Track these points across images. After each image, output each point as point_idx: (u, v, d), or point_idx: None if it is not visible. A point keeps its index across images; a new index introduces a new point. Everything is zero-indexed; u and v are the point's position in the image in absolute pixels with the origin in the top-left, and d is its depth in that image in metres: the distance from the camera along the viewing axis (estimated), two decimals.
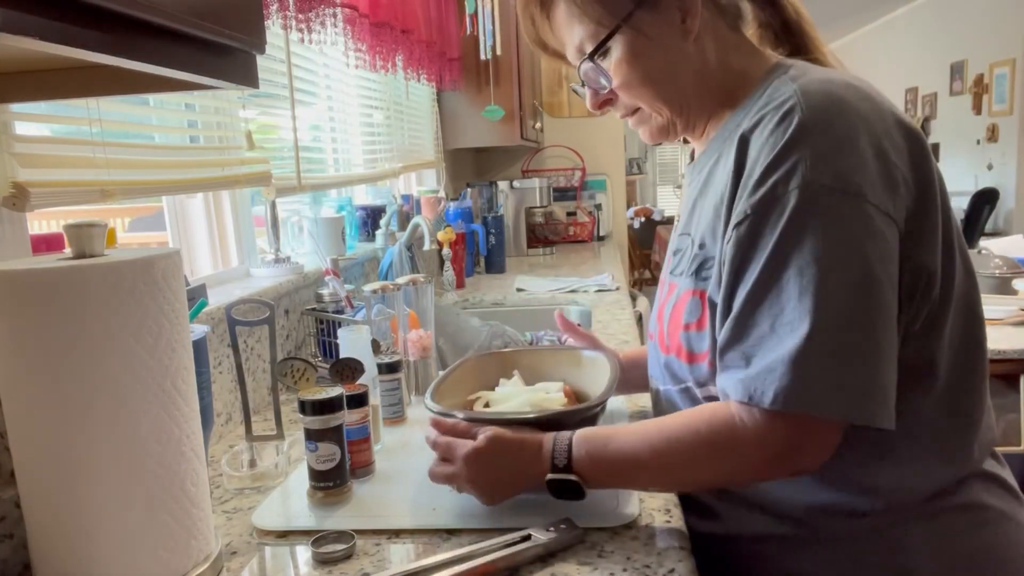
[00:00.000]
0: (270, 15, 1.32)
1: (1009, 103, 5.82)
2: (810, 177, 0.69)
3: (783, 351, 0.67)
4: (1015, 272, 2.33)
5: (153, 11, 0.55)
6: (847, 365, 0.67)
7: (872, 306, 0.68)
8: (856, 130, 0.70)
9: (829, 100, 0.72)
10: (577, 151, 3.94)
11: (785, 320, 0.68)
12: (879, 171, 0.70)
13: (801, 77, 0.76)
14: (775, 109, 0.73)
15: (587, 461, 0.79)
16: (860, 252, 0.68)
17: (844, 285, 0.68)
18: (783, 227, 0.69)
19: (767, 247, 0.70)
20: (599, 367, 1.10)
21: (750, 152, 0.74)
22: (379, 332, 1.27)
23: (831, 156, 0.69)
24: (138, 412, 0.67)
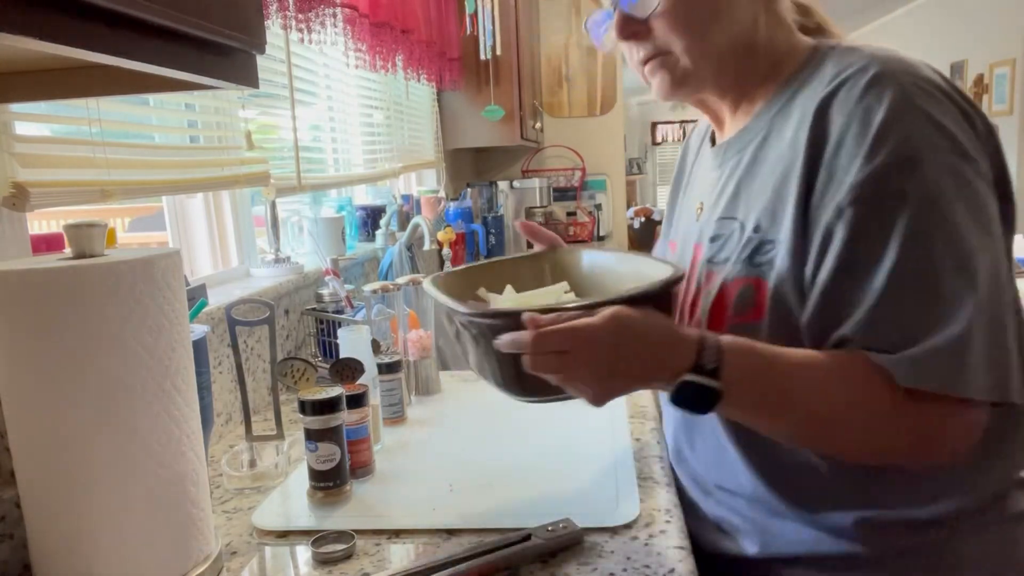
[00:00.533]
0: (270, 15, 1.32)
1: (1009, 103, 5.82)
2: (932, 139, 0.64)
3: (950, 332, 0.63)
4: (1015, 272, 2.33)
5: (153, 11, 0.55)
6: (999, 346, 0.64)
7: (1004, 276, 0.67)
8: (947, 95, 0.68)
9: (908, 66, 0.69)
10: (577, 151, 3.94)
11: (946, 298, 0.63)
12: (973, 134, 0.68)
13: (859, 50, 0.72)
14: (856, 75, 0.68)
15: (740, 374, 0.67)
16: (993, 220, 0.67)
17: (986, 257, 0.65)
18: (921, 195, 0.64)
19: (903, 221, 0.64)
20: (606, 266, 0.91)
21: (833, 121, 0.68)
22: (379, 332, 1.27)
23: (946, 122, 0.66)
24: (138, 412, 0.67)
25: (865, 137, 0.66)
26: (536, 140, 3.55)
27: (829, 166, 0.68)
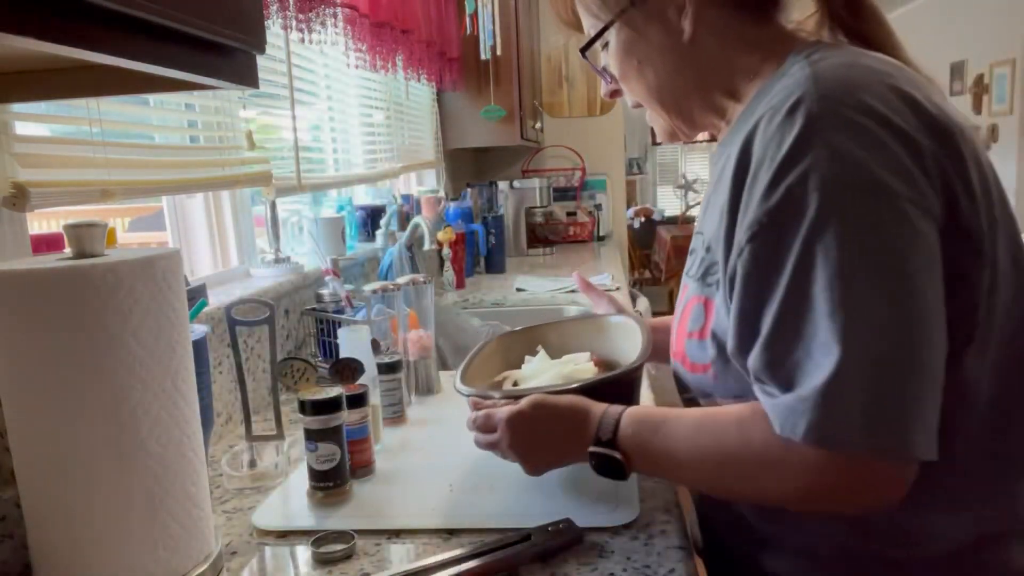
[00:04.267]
0: (270, 15, 1.32)
1: (1009, 103, 5.82)
2: (829, 175, 0.60)
3: (818, 379, 0.59)
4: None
5: (153, 11, 0.55)
6: (884, 395, 0.59)
7: (914, 319, 0.60)
8: (878, 119, 0.62)
9: (843, 86, 0.64)
10: (577, 151, 3.94)
11: (819, 343, 0.60)
12: (912, 163, 0.61)
13: (820, 61, 0.67)
14: (782, 100, 0.65)
15: (632, 443, 0.73)
16: (897, 258, 0.60)
17: (880, 301, 0.59)
18: (804, 236, 0.60)
19: (789, 260, 0.61)
20: (627, 333, 1.02)
21: (754, 151, 0.66)
22: (379, 332, 1.27)
23: (851, 151, 0.60)
24: (138, 412, 0.67)
25: (769, 173, 0.63)
26: (536, 140, 3.55)
27: (749, 198, 0.66)
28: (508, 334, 1.13)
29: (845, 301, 0.59)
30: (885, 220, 0.60)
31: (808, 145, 0.61)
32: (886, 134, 0.61)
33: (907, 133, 0.62)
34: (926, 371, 0.60)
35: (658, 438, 0.73)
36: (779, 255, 0.62)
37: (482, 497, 0.90)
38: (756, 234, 0.64)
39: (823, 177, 0.60)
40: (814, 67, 0.67)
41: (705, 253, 0.76)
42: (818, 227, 0.60)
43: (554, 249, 3.37)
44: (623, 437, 0.74)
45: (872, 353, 0.59)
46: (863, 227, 0.60)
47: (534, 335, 1.11)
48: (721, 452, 0.69)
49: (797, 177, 0.61)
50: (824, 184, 0.60)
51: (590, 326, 1.11)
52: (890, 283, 0.60)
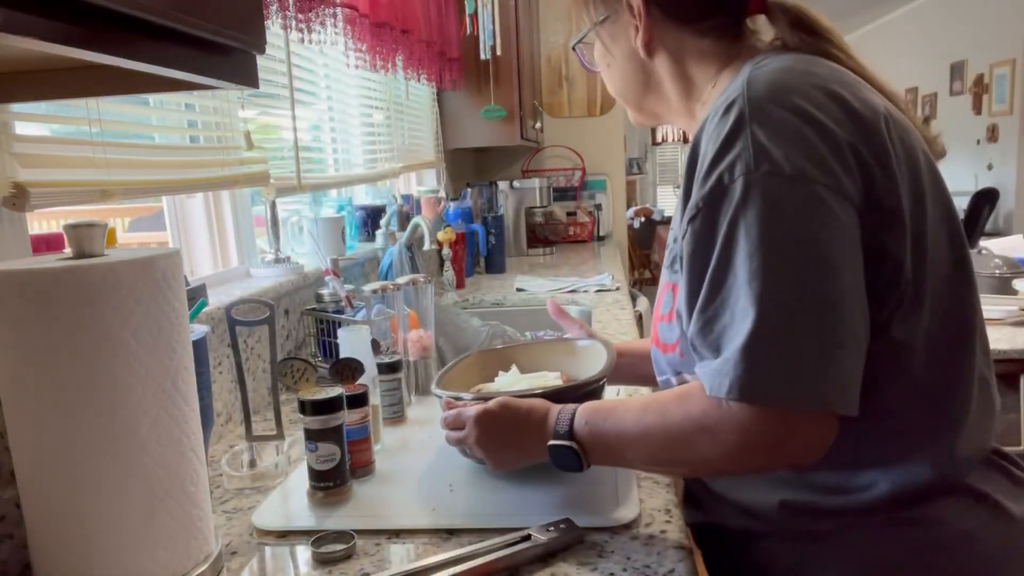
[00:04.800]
0: (270, 15, 1.32)
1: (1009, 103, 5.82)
2: (753, 165, 0.68)
3: (738, 341, 0.66)
4: (1015, 272, 2.33)
5: (153, 11, 0.55)
6: (797, 351, 0.65)
7: (827, 289, 0.66)
8: (798, 114, 0.69)
9: (771, 87, 0.71)
10: (577, 151, 3.94)
11: (739, 308, 0.67)
12: (828, 152, 0.68)
13: (760, 67, 0.75)
14: (722, 103, 0.73)
15: (586, 432, 0.80)
16: (809, 235, 0.66)
17: (793, 269, 0.66)
18: (730, 217, 0.68)
19: (718, 238, 0.69)
20: (594, 355, 1.12)
21: (700, 149, 0.74)
22: (379, 332, 1.27)
23: (772, 142, 0.68)
24: (138, 412, 0.67)
25: (704, 164, 0.72)
26: (536, 140, 3.55)
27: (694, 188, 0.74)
28: (485, 351, 1.22)
29: (761, 270, 0.66)
30: (800, 202, 0.67)
31: (735, 139, 0.70)
32: (805, 127, 0.69)
33: (825, 125, 0.69)
34: (840, 331, 0.66)
35: (609, 424, 0.79)
36: (711, 234, 0.70)
37: (482, 497, 0.90)
38: (694, 217, 0.72)
39: (747, 165, 0.68)
40: (752, 73, 0.74)
41: (672, 243, 0.83)
42: (741, 208, 0.68)
43: (554, 249, 3.37)
44: (577, 428, 0.81)
45: (786, 315, 0.66)
46: (780, 208, 0.67)
47: (509, 354, 1.20)
48: (665, 426, 0.74)
49: (726, 166, 0.69)
50: (748, 171, 0.68)
51: (561, 348, 1.20)
52: (803, 254, 0.66)
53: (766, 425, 0.67)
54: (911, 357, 0.72)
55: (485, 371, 1.17)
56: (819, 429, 0.67)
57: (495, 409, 0.87)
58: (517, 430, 0.86)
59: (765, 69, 0.75)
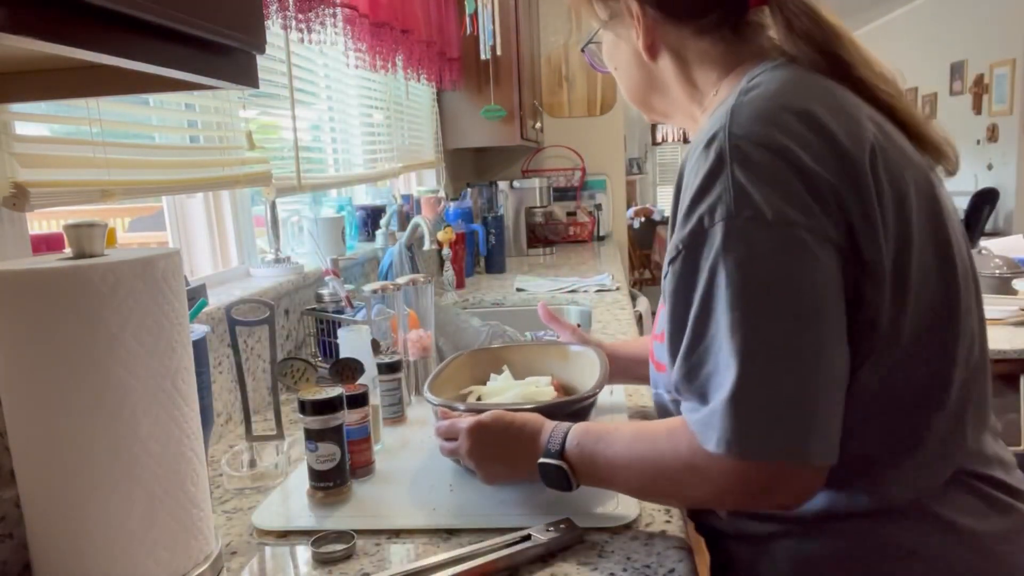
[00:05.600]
0: (270, 15, 1.32)
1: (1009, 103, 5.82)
2: (733, 209, 0.66)
3: (723, 393, 0.65)
4: (1015, 272, 2.33)
5: (153, 11, 0.55)
6: (782, 404, 0.64)
7: (810, 338, 0.65)
8: (780, 155, 0.66)
9: (754, 122, 0.69)
10: (577, 151, 3.94)
11: (722, 358, 0.66)
12: (810, 195, 0.66)
13: (748, 92, 0.72)
14: (706, 133, 0.71)
15: (577, 453, 0.80)
16: (791, 282, 0.65)
17: (774, 319, 0.65)
18: (711, 262, 0.67)
19: (699, 283, 0.68)
20: (586, 361, 1.14)
21: (685, 179, 0.73)
22: (379, 332, 1.27)
23: (753, 185, 0.66)
24: (138, 412, 0.67)
25: (686, 201, 0.70)
26: (536, 140, 3.55)
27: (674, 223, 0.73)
28: (477, 351, 1.23)
29: (743, 321, 0.65)
30: (781, 247, 0.65)
31: (716, 180, 0.67)
32: (786, 169, 0.66)
33: (806, 166, 0.66)
34: (823, 382, 0.65)
35: (600, 447, 0.79)
36: (692, 278, 0.69)
37: (482, 497, 0.90)
38: (675, 258, 0.71)
39: (727, 209, 0.66)
40: (738, 100, 0.72)
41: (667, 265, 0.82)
42: (722, 254, 0.66)
43: (554, 249, 3.37)
44: (569, 448, 0.81)
45: (769, 367, 0.65)
46: (761, 255, 0.65)
47: (501, 354, 1.21)
48: (654, 458, 0.74)
49: (707, 208, 0.68)
50: (728, 216, 0.66)
51: (553, 352, 1.21)
52: (785, 304, 0.65)
53: (755, 476, 0.67)
54: (872, 401, 0.71)
55: (477, 371, 1.17)
56: (806, 479, 0.67)
57: (488, 422, 0.88)
58: (508, 444, 0.86)
59: (752, 95, 0.72)
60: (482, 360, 1.20)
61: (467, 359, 1.19)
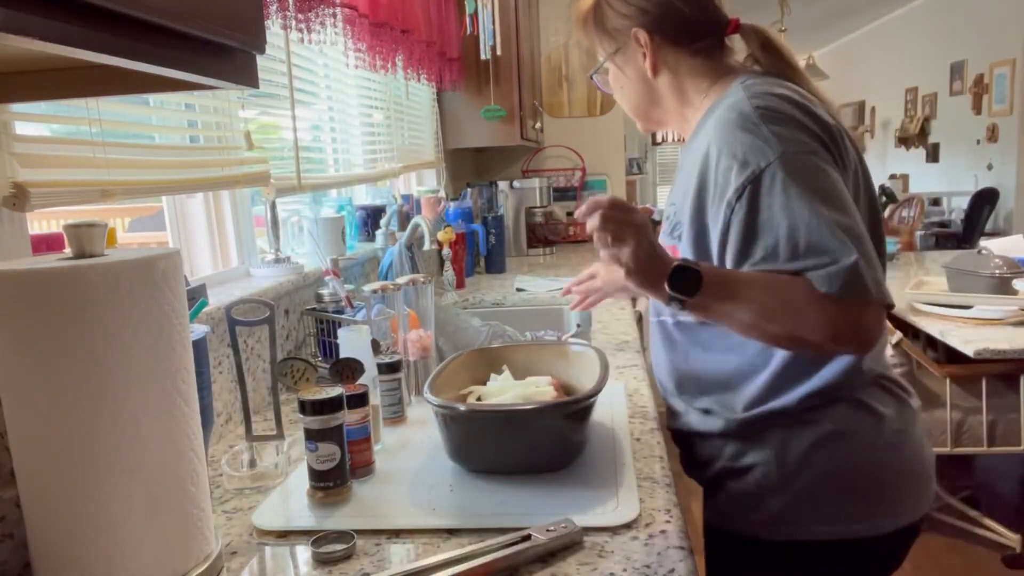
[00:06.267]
0: (270, 15, 1.32)
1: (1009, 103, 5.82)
2: (780, 149, 0.92)
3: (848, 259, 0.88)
4: (1015, 272, 2.33)
5: (153, 11, 0.55)
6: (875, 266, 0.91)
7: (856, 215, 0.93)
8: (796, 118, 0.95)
9: (768, 98, 0.97)
10: (577, 151, 3.94)
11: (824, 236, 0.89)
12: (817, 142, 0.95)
13: (750, 87, 1.00)
14: (728, 111, 0.98)
15: (710, 267, 0.94)
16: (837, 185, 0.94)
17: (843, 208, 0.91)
18: (781, 184, 0.91)
19: (778, 198, 0.91)
20: (586, 361, 1.14)
21: (712, 147, 0.98)
22: (379, 332, 1.27)
23: (784, 131, 0.94)
24: (138, 412, 0.67)
25: (733, 160, 0.95)
26: (536, 140, 3.55)
27: (715, 181, 0.97)
28: (477, 351, 1.24)
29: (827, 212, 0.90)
30: (816, 166, 0.94)
31: (756, 134, 0.94)
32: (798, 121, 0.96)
33: (810, 128, 0.96)
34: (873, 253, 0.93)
35: (730, 272, 0.96)
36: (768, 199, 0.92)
37: (482, 497, 0.90)
38: (741, 194, 0.94)
39: (780, 149, 0.93)
40: (747, 90, 1.00)
41: (673, 215, 1.08)
42: (786, 178, 0.92)
43: (554, 249, 3.37)
44: (703, 265, 0.93)
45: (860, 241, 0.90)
46: (807, 172, 0.93)
47: (501, 354, 1.22)
48: (782, 290, 0.92)
49: (759, 153, 0.93)
50: (783, 153, 0.93)
51: (553, 352, 1.22)
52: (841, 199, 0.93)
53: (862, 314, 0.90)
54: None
55: (477, 371, 1.18)
56: (883, 321, 0.94)
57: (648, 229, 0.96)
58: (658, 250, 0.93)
59: (755, 88, 1.00)
60: (482, 360, 1.20)
61: (467, 359, 1.19)
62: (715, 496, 1.10)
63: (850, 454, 1.01)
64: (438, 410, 0.98)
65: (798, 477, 1.01)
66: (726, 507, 1.08)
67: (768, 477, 1.02)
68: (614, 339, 1.70)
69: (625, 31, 1.10)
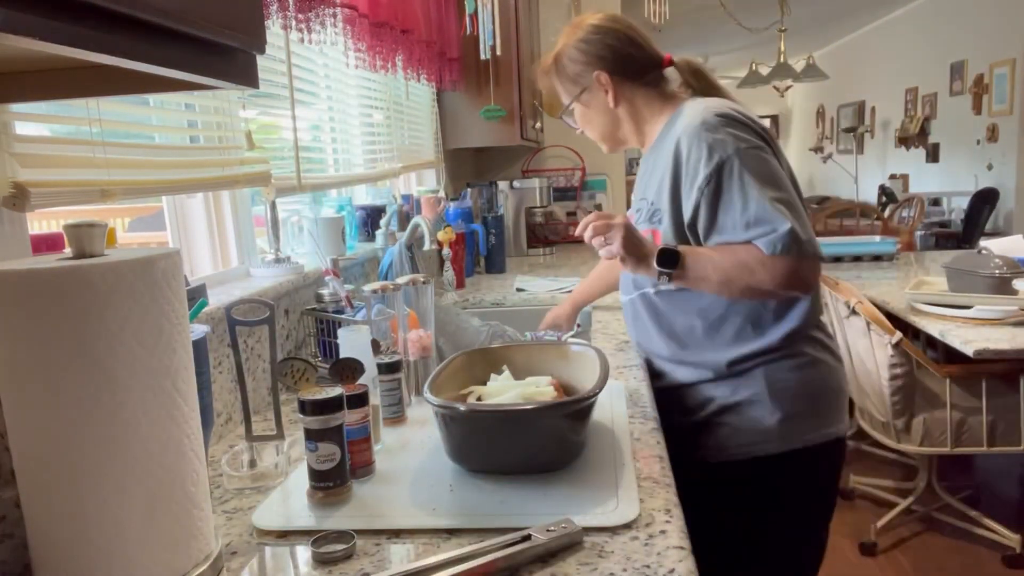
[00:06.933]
0: (270, 15, 1.32)
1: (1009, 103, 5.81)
2: (735, 145, 1.23)
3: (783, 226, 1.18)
4: (1015, 272, 2.33)
5: (153, 11, 0.55)
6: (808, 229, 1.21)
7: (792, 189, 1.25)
8: (744, 121, 1.27)
9: (724, 108, 1.28)
10: (577, 151, 3.94)
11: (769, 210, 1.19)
12: (760, 137, 1.26)
13: (704, 102, 1.32)
14: (692, 120, 1.27)
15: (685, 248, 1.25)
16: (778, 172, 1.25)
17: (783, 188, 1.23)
18: (737, 173, 1.22)
19: (736, 183, 1.21)
20: (586, 361, 1.15)
21: (682, 147, 1.27)
22: (379, 332, 1.27)
23: (738, 133, 1.24)
24: (138, 412, 0.67)
25: (701, 154, 1.24)
26: (536, 140, 3.55)
27: (687, 172, 1.26)
28: (476, 351, 1.25)
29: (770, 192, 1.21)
30: (761, 158, 1.24)
31: (718, 134, 1.24)
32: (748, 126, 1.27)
33: (755, 128, 1.28)
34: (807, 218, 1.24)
35: (700, 249, 1.26)
36: (730, 183, 1.22)
37: (482, 497, 0.90)
38: (709, 182, 1.23)
39: (736, 146, 1.23)
40: (704, 104, 1.30)
41: (650, 206, 1.37)
42: (740, 168, 1.22)
43: (554, 249, 3.37)
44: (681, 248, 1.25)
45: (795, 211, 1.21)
46: (756, 163, 1.23)
47: (501, 354, 1.23)
48: (738, 257, 1.22)
49: (720, 149, 1.23)
50: (737, 149, 1.23)
51: (553, 352, 1.23)
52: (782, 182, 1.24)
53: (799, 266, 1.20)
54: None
55: (477, 371, 1.18)
56: (817, 267, 1.25)
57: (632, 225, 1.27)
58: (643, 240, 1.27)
59: (709, 103, 1.30)
60: (482, 360, 1.20)
61: (467, 359, 1.19)
62: (713, 432, 1.33)
63: (818, 377, 1.32)
64: (438, 410, 0.98)
65: (785, 398, 1.29)
66: (725, 439, 1.32)
67: (762, 403, 1.28)
68: (614, 339, 1.70)
69: (587, 75, 1.41)
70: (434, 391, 1.02)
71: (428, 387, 1.03)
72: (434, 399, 0.98)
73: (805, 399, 1.30)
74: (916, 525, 2.72)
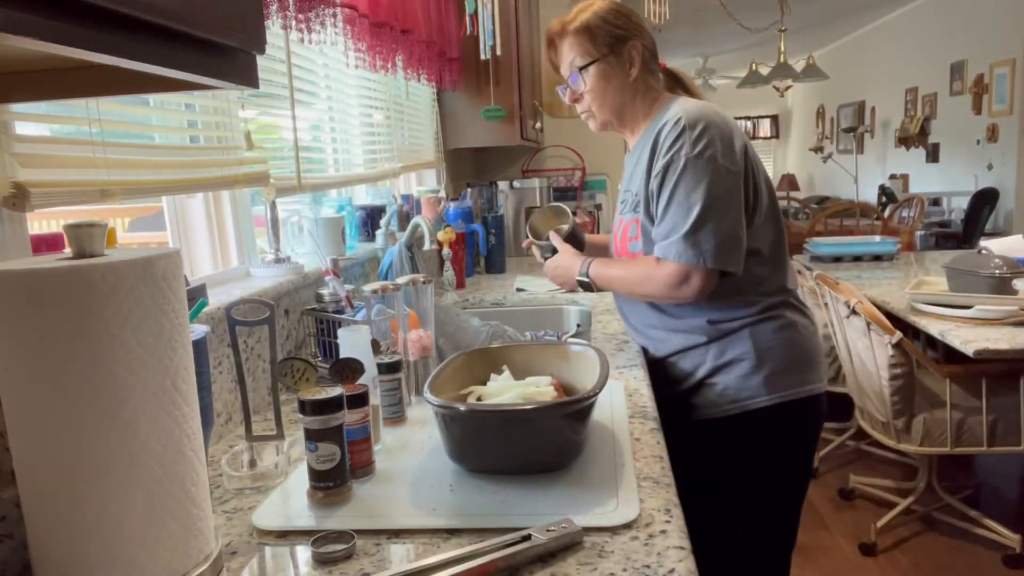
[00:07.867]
0: (270, 15, 1.32)
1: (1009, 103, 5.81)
2: (689, 152, 1.33)
3: (684, 229, 1.31)
4: (1015, 272, 2.33)
5: (153, 11, 0.55)
6: (716, 236, 1.31)
7: (726, 203, 1.32)
8: (712, 128, 1.34)
9: (698, 114, 1.36)
10: (577, 151, 3.94)
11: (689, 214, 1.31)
12: (724, 148, 1.34)
13: (684, 104, 1.42)
14: (671, 119, 1.38)
15: (595, 271, 1.50)
16: (716, 181, 1.32)
17: (710, 194, 1.31)
18: (680, 172, 1.33)
19: (674, 181, 1.33)
20: (586, 361, 1.15)
21: (659, 142, 1.38)
22: (379, 332, 1.27)
23: (698, 141, 1.33)
24: (138, 412, 0.67)
25: (666, 148, 1.36)
26: (536, 140, 3.55)
27: (657, 160, 1.38)
28: (476, 351, 1.25)
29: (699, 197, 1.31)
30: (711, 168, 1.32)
31: (680, 137, 1.34)
32: (719, 135, 1.34)
33: (729, 137, 1.36)
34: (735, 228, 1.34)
35: (606, 267, 1.49)
36: (672, 179, 1.34)
37: (482, 497, 0.90)
38: (660, 172, 1.36)
39: (688, 151, 1.33)
40: (683, 105, 1.41)
41: (635, 197, 1.46)
42: (686, 169, 1.33)
43: None
44: (592, 272, 1.51)
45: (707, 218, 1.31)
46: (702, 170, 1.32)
47: (501, 354, 1.24)
48: (636, 270, 1.42)
49: (677, 150, 1.34)
50: (688, 154, 1.33)
51: (553, 352, 1.23)
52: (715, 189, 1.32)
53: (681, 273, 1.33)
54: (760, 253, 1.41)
55: (477, 371, 1.18)
56: (711, 280, 1.35)
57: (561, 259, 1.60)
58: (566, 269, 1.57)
59: (688, 104, 1.41)
60: (482, 360, 1.21)
61: (467, 359, 1.20)
62: (706, 392, 1.45)
63: (798, 337, 1.44)
64: (438, 410, 0.98)
65: (770, 356, 1.41)
66: (718, 396, 1.44)
67: (750, 361, 1.41)
68: (614, 339, 1.70)
69: (622, 43, 1.46)
70: (434, 391, 1.02)
71: (428, 387, 1.02)
72: (434, 399, 0.98)
73: (788, 357, 1.42)
74: (916, 525, 2.72)
